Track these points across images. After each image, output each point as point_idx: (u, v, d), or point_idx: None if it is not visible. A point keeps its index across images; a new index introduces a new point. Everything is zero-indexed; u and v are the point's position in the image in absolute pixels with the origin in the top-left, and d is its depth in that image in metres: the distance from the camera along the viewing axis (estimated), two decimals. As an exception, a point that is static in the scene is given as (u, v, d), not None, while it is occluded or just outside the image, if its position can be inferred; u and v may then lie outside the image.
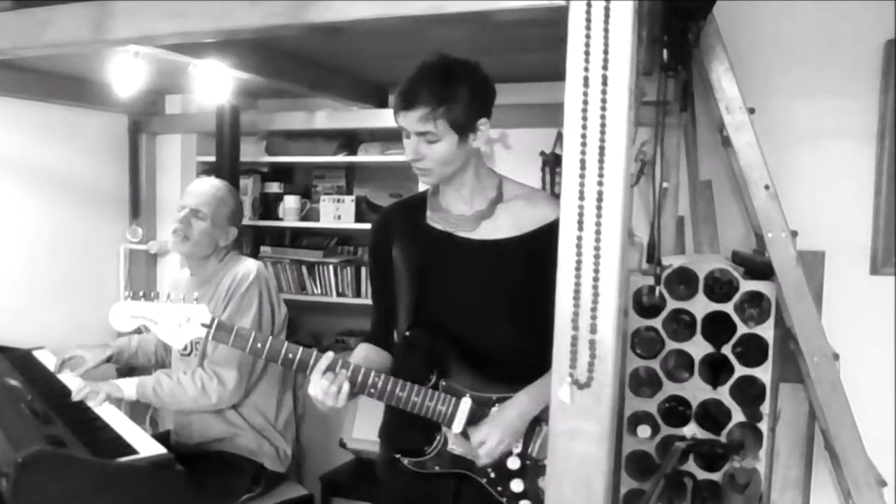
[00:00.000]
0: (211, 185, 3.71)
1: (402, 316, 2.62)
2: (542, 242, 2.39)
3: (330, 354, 2.43)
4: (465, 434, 2.48)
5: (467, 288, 2.53)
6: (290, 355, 2.46)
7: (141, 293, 2.56)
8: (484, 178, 2.57)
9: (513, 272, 2.50)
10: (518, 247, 2.50)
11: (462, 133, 2.41)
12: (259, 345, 2.49)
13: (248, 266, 3.58)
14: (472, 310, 2.53)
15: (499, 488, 2.51)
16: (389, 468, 2.65)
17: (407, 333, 2.57)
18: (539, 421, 2.48)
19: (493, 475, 2.51)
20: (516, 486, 2.50)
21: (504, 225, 2.53)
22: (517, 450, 2.50)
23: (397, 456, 2.58)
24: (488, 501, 2.52)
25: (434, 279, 2.57)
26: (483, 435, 2.44)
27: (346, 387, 2.40)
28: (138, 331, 4.65)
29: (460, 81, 2.39)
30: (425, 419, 2.49)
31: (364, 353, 2.72)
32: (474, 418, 2.48)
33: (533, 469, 2.49)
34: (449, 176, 2.51)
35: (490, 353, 2.52)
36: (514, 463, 2.50)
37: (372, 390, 2.46)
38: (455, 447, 2.51)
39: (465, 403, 2.47)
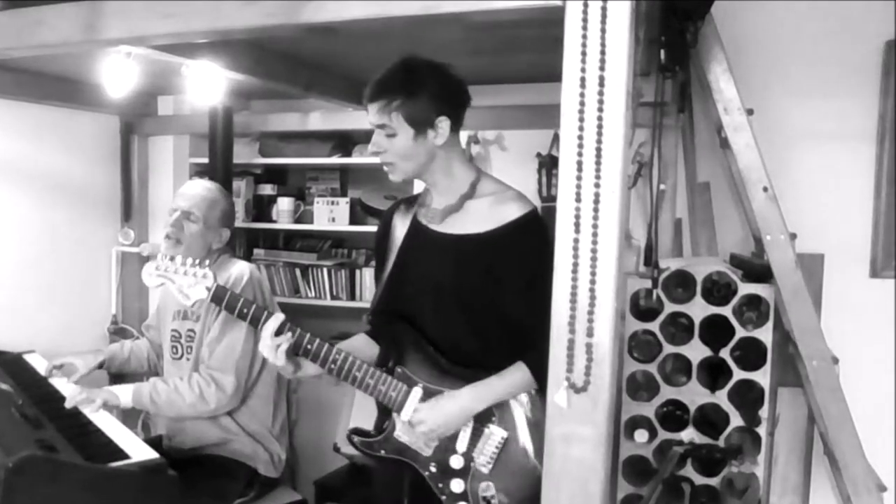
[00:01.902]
0: (202, 186, 3.69)
1: (373, 301, 2.74)
2: (500, 241, 2.48)
3: (280, 315, 2.57)
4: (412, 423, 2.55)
5: (429, 280, 2.58)
6: (262, 317, 2.61)
7: (169, 256, 2.86)
8: (458, 176, 2.60)
9: (467, 269, 2.52)
10: (476, 245, 2.52)
11: (418, 128, 2.47)
12: (245, 310, 2.66)
13: (241, 268, 3.55)
14: (431, 302, 2.58)
15: (439, 485, 2.55)
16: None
17: (370, 317, 2.70)
18: (488, 423, 2.52)
19: (434, 470, 2.55)
20: (456, 486, 2.53)
21: (468, 222, 2.55)
22: (462, 449, 2.53)
23: (352, 434, 2.66)
24: (430, 498, 2.57)
25: (406, 269, 2.65)
26: (420, 416, 2.50)
27: (283, 346, 2.52)
28: (129, 335, 4.70)
29: (420, 77, 2.47)
30: (384, 404, 2.59)
31: (356, 339, 2.84)
32: None
33: (475, 472, 2.52)
34: (414, 172, 2.57)
35: (446, 347, 2.57)
36: (456, 462, 2.54)
37: (332, 366, 2.56)
38: (401, 435, 2.57)
39: (416, 393, 2.54)
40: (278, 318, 2.56)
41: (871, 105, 3.60)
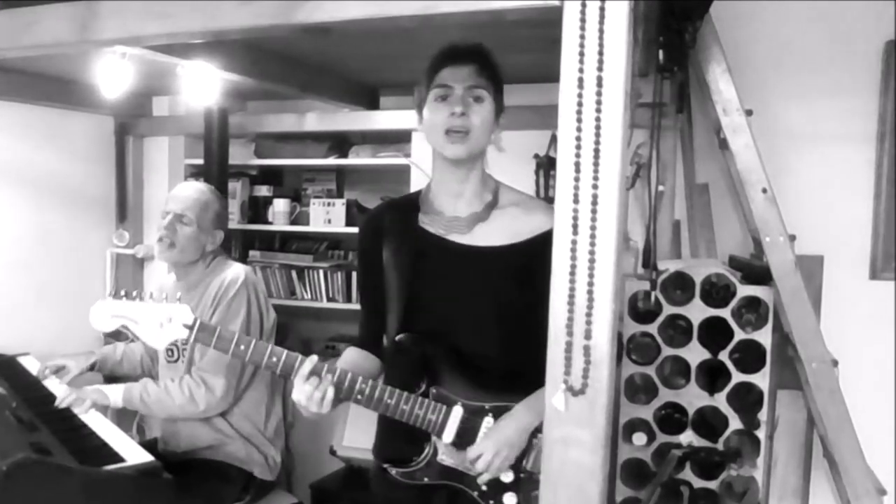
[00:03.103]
0: (194, 188, 3.67)
1: (391, 320, 2.54)
2: (536, 252, 2.35)
3: (314, 358, 2.36)
4: (456, 444, 2.40)
5: (458, 294, 2.47)
6: (274, 359, 2.37)
7: (122, 292, 2.47)
8: (485, 180, 2.54)
9: (505, 281, 2.44)
10: (511, 256, 2.45)
11: (497, 108, 2.46)
12: (242, 347, 2.39)
13: (236, 271, 3.54)
14: (463, 317, 2.46)
15: (491, 502, 2.43)
16: (379, 479, 2.57)
17: (396, 338, 2.49)
18: (535, 433, 2.41)
19: (485, 488, 2.42)
20: (509, 499, 2.42)
21: (498, 231, 2.48)
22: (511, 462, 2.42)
23: (385, 466, 2.50)
24: None
25: (425, 283, 2.50)
26: (480, 448, 2.36)
27: (330, 392, 2.32)
28: (124, 337, 4.68)
29: (496, 63, 2.47)
30: (415, 428, 2.41)
31: (351, 358, 2.64)
32: (466, 428, 2.40)
33: (527, 482, 2.41)
34: (480, 149, 2.46)
35: (482, 361, 2.45)
36: (507, 476, 2.42)
37: (359, 397, 2.37)
38: (445, 458, 2.43)
39: (457, 412, 2.40)
40: (312, 360, 2.36)
41: (870, 105, 3.59)
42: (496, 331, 2.46)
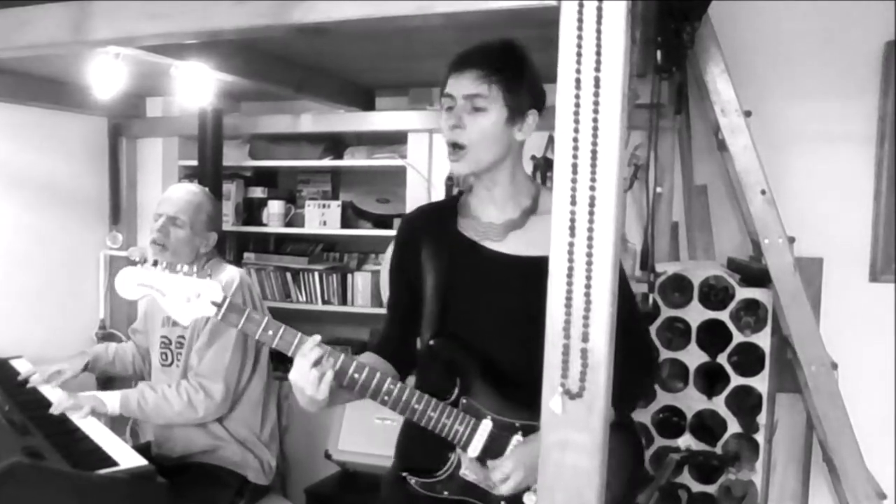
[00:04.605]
0: (186, 190, 3.65)
1: (425, 324, 2.45)
2: None
3: (317, 338, 2.25)
4: (481, 460, 2.32)
5: (492, 304, 2.38)
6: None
7: (153, 260, 2.40)
8: (520, 184, 2.43)
9: (535, 293, 2.24)
10: (544, 266, 2.33)
11: (512, 112, 2.28)
12: (270, 332, 2.29)
13: (230, 273, 3.51)
14: (496, 328, 2.37)
15: None
16: (396, 487, 2.47)
17: (430, 342, 2.40)
18: None
19: None
20: None
21: (535, 240, 2.33)
22: (534, 482, 2.22)
23: (404, 474, 2.40)
24: None
25: (458, 291, 2.41)
26: (506, 466, 2.26)
27: (329, 375, 2.21)
28: (116, 339, 4.67)
29: (523, 61, 2.30)
30: (440, 438, 2.33)
31: (371, 362, 2.45)
32: (493, 443, 2.31)
33: None
34: (486, 164, 2.34)
35: (515, 375, 2.34)
36: (530, 499, 2.30)
37: (386, 398, 2.28)
38: (468, 473, 2.34)
39: (486, 426, 2.31)
40: (319, 347, 2.23)
41: (870, 106, 3.59)
42: (526, 343, 2.19)
